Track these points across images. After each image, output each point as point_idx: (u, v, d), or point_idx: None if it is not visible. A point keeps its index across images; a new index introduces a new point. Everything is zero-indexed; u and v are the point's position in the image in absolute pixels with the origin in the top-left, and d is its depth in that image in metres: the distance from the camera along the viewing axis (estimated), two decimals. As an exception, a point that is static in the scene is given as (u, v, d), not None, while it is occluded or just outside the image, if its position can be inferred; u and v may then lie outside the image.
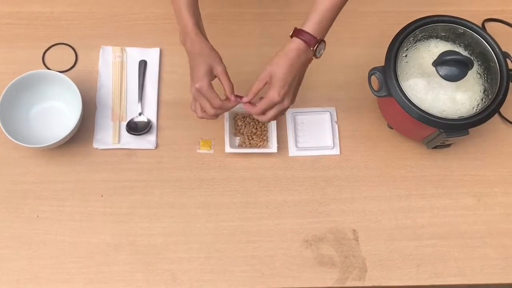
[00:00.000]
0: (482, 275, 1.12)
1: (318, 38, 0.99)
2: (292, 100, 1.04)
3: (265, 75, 1.01)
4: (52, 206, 1.13)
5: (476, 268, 1.12)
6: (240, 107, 1.19)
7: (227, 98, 1.05)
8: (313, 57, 1.02)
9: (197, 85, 1.01)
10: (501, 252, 1.14)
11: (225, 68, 1.03)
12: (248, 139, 1.20)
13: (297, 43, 0.99)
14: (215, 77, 1.04)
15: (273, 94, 1.00)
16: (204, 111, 1.05)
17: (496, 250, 1.14)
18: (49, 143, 1.11)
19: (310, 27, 0.99)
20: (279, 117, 1.08)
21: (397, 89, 1.06)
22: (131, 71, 1.25)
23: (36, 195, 1.14)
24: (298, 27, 1.00)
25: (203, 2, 1.03)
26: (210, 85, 1.02)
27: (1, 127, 1.10)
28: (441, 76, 1.04)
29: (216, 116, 1.06)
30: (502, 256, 1.13)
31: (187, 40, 1.02)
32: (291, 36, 1.00)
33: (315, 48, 0.99)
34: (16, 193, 1.14)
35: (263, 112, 1.03)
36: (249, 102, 1.05)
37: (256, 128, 1.20)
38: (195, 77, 1.01)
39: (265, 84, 1.02)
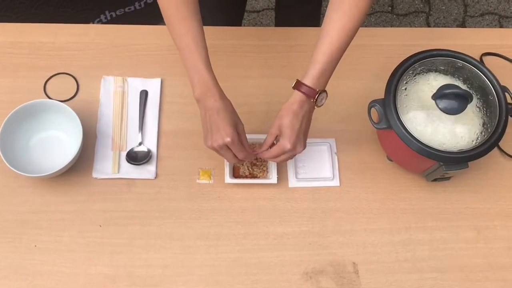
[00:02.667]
0: (483, 310, 1.11)
1: (318, 90, 1.03)
2: (304, 145, 1.08)
3: (274, 129, 1.07)
4: (50, 236, 1.12)
5: (477, 302, 1.12)
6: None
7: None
8: (315, 107, 1.06)
9: (228, 139, 1.02)
10: (502, 286, 1.13)
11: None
12: (248, 169, 1.20)
13: (299, 95, 1.03)
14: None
15: (285, 143, 1.05)
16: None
17: (497, 284, 1.13)
18: (49, 173, 1.10)
19: (309, 80, 1.03)
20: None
21: (397, 121, 1.07)
22: (132, 101, 1.26)
23: (34, 224, 1.13)
24: (299, 79, 1.04)
25: (205, 34, 1.04)
26: (239, 139, 1.05)
27: (1, 156, 1.10)
28: (440, 109, 1.05)
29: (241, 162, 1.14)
30: (503, 290, 1.13)
31: (208, 95, 1.03)
32: (293, 88, 1.04)
33: (315, 99, 1.03)
34: (14, 223, 1.13)
35: (275, 157, 1.09)
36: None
37: (256, 159, 1.20)
38: (225, 133, 1.02)
39: (276, 137, 1.08)
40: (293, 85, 1.04)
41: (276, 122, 1.07)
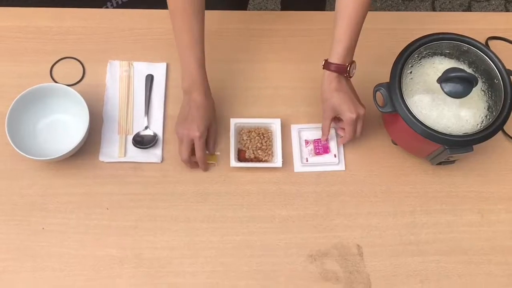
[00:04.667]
0: (486, 292, 1.12)
1: (347, 64, 1.09)
2: (363, 106, 1.14)
3: (328, 113, 1.14)
4: (57, 219, 1.14)
5: (480, 285, 1.12)
6: (247, 122, 1.21)
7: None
8: (349, 78, 1.13)
9: (197, 134, 1.11)
10: (505, 269, 1.14)
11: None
12: (254, 153, 1.20)
13: (332, 75, 1.10)
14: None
15: (349, 116, 1.10)
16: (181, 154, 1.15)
17: (500, 267, 1.14)
18: (56, 156, 1.12)
19: (336, 58, 1.09)
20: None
21: (402, 105, 1.07)
22: (138, 85, 1.26)
23: (42, 207, 1.15)
24: (327, 60, 1.10)
25: (211, 18, 1.04)
26: (205, 139, 1.14)
27: (9, 139, 1.11)
28: (445, 93, 1.05)
29: (188, 164, 1.17)
30: (506, 273, 1.13)
31: (195, 89, 1.12)
32: (324, 68, 1.11)
33: (348, 72, 1.10)
34: (22, 205, 1.15)
35: (352, 135, 1.14)
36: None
37: (261, 143, 1.21)
38: (196, 126, 1.11)
39: (332, 119, 1.15)
40: (322, 65, 1.10)
41: (326, 107, 1.12)
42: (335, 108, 1.12)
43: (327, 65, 1.10)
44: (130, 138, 1.21)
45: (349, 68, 1.10)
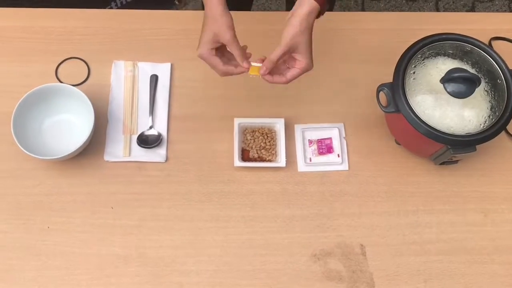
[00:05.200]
0: (489, 292, 1.12)
1: (326, 3, 0.99)
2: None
3: (289, 44, 0.98)
4: (62, 218, 1.15)
5: (484, 284, 1.12)
6: (250, 122, 1.21)
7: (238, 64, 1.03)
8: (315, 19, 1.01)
9: (197, 52, 1.00)
10: (508, 269, 1.14)
11: (233, 34, 1.00)
12: (257, 153, 1.21)
13: (313, 4, 0.97)
14: (220, 43, 1.01)
15: (309, 63, 1.01)
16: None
17: (504, 267, 1.14)
18: (61, 155, 1.12)
19: None
20: None
21: (405, 105, 1.07)
22: (142, 85, 1.27)
23: (47, 206, 1.15)
24: None
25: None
26: (210, 52, 1.01)
27: (15, 139, 1.12)
28: (448, 93, 1.05)
29: (228, 74, 1.04)
30: (510, 273, 1.14)
31: (209, 6, 1.00)
32: None
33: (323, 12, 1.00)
34: (28, 204, 1.15)
35: (290, 81, 1.03)
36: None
37: (265, 142, 1.22)
38: (199, 41, 1.01)
39: (285, 53, 1.00)
40: None
41: (291, 37, 0.98)
42: (299, 44, 0.99)
43: None
44: (134, 137, 1.22)
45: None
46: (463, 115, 1.08)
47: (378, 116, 1.24)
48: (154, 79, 1.27)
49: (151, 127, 1.22)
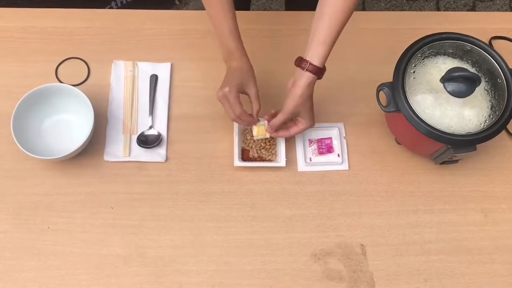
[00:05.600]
0: (489, 291, 1.12)
1: (325, 68, 1.08)
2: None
3: (289, 115, 1.10)
4: (62, 218, 1.15)
5: (484, 284, 1.12)
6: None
7: (251, 115, 1.14)
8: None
9: (226, 89, 1.08)
10: (508, 269, 1.14)
11: (258, 91, 1.12)
12: (257, 153, 1.21)
13: (311, 77, 1.06)
14: (243, 93, 1.11)
15: (311, 124, 1.13)
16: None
17: (504, 266, 1.14)
18: (61, 155, 1.12)
19: (318, 61, 1.06)
20: None
21: (405, 104, 1.07)
22: (142, 85, 1.27)
23: (47, 206, 1.15)
24: (309, 61, 1.06)
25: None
26: (237, 94, 1.09)
27: (14, 139, 1.12)
28: (448, 92, 1.05)
29: (238, 121, 1.14)
30: (510, 273, 1.14)
31: (231, 58, 1.11)
32: (305, 69, 1.06)
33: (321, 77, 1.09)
34: (28, 204, 1.15)
35: (292, 135, 1.16)
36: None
37: (265, 142, 1.21)
38: (227, 83, 1.08)
39: (287, 119, 1.11)
40: (296, 63, 1.08)
41: (295, 106, 1.08)
42: (302, 112, 1.10)
43: (307, 66, 1.06)
44: (134, 137, 1.22)
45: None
46: (463, 114, 1.08)
47: (378, 116, 1.24)
48: (154, 79, 1.27)
49: (151, 127, 1.22)
